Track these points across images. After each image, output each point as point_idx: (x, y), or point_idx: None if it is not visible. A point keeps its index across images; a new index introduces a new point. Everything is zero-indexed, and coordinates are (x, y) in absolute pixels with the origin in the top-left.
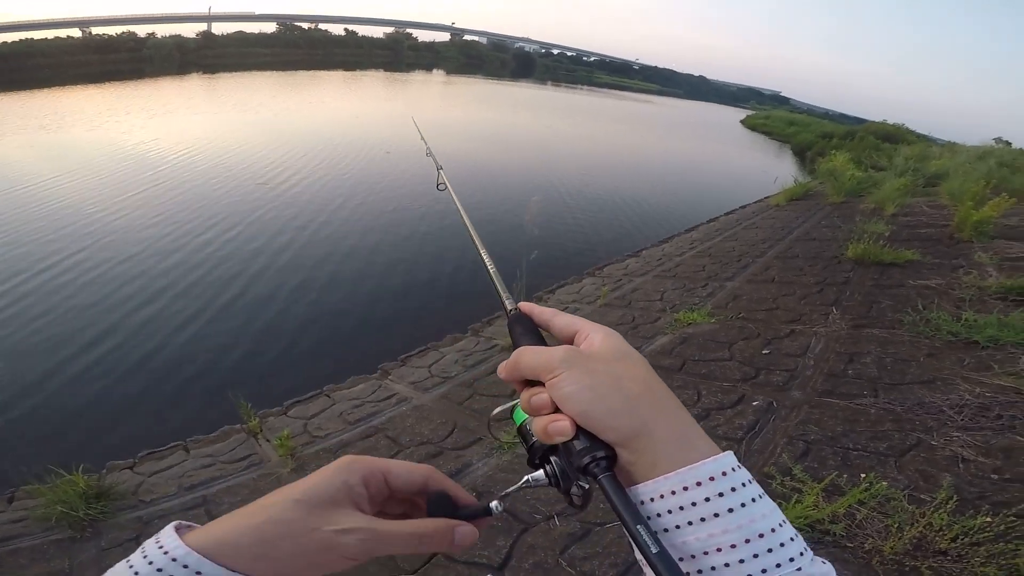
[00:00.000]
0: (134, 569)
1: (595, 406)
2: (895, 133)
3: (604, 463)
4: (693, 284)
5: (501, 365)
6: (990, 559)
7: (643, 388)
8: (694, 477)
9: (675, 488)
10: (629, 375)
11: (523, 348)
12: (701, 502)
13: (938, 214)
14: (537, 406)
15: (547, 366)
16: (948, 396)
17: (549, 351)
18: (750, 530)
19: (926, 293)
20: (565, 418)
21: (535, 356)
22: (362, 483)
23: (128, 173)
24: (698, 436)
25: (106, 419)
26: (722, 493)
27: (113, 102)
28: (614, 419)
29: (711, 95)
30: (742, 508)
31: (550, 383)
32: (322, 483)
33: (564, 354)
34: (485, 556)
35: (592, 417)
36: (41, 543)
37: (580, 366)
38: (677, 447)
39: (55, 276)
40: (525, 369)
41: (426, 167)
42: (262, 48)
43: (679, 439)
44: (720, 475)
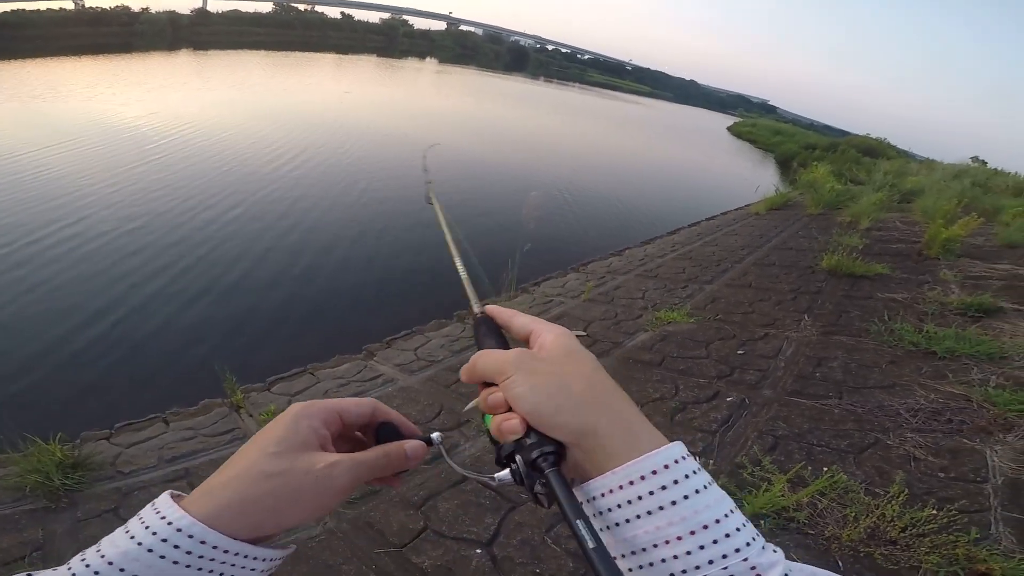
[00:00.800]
0: (135, 539)
1: (542, 406)
2: (876, 147)
3: (552, 458)
4: (674, 285)
5: (463, 367)
6: (934, 549)
7: (587, 387)
8: (638, 471)
9: (621, 482)
10: (576, 374)
11: (481, 352)
12: (646, 496)
13: (910, 230)
14: (492, 405)
15: (499, 368)
16: (905, 400)
17: (503, 354)
18: (694, 522)
19: (892, 306)
20: (515, 416)
21: (489, 359)
22: (323, 425)
23: (116, 147)
24: (643, 430)
25: (80, 390)
26: (665, 486)
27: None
28: (560, 417)
29: (701, 100)
30: (685, 500)
31: (502, 385)
32: (290, 431)
33: (515, 357)
34: (474, 532)
35: (540, 416)
36: (13, 513)
37: (528, 368)
38: (622, 443)
39: (37, 247)
40: (481, 371)
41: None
42: (256, 27)
43: (624, 434)
44: (663, 468)
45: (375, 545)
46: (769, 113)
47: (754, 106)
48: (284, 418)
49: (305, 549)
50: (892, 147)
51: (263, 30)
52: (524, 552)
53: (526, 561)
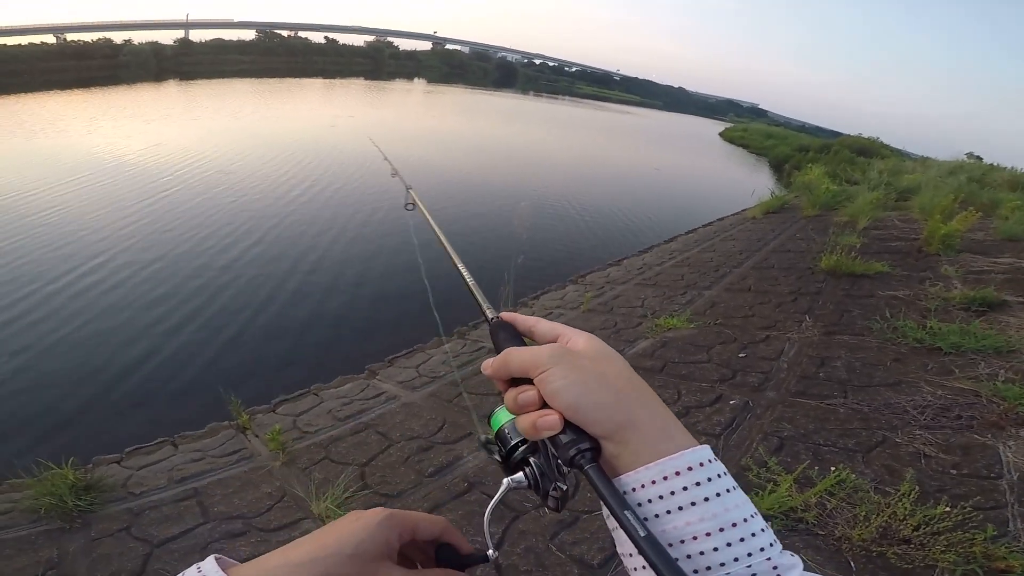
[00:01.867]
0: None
1: (584, 399)
2: (870, 147)
3: (589, 454)
4: (673, 292)
5: (486, 363)
6: (949, 547)
7: (627, 384)
8: (673, 466)
9: (655, 477)
10: (614, 372)
11: (511, 348)
12: (679, 491)
13: (908, 228)
14: (525, 402)
15: (536, 362)
16: (912, 398)
17: (537, 348)
18: (724, 519)
19: (894, 303)
20: (554, 412)
21: (523, 353)
22: (399, 538)
23: (123, 182)
24: (677, 429)
25: (87, 417)
26: (699, 482)
27: (90, 109)
28: (602, 412)
29: (690, 107)
30: (717, 498)
31: (539, 378)
32: (368, 538)
33: (552, 350)
34: (477, 541)
35: (581, 410)
36: (28, 534)
37: (568, 362)
38: (659, 438)
39: (42, 279)
40: (514, 366)
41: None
42: (240, 55)
43: (660, 431)
44: (697, 465)
45: None
46: (760, 117)
47: (744, 110)
48: (370, 520)
49: None
50: (886, 146)
51: (248, 58)
52: (528, 560)
53: (531, 569)
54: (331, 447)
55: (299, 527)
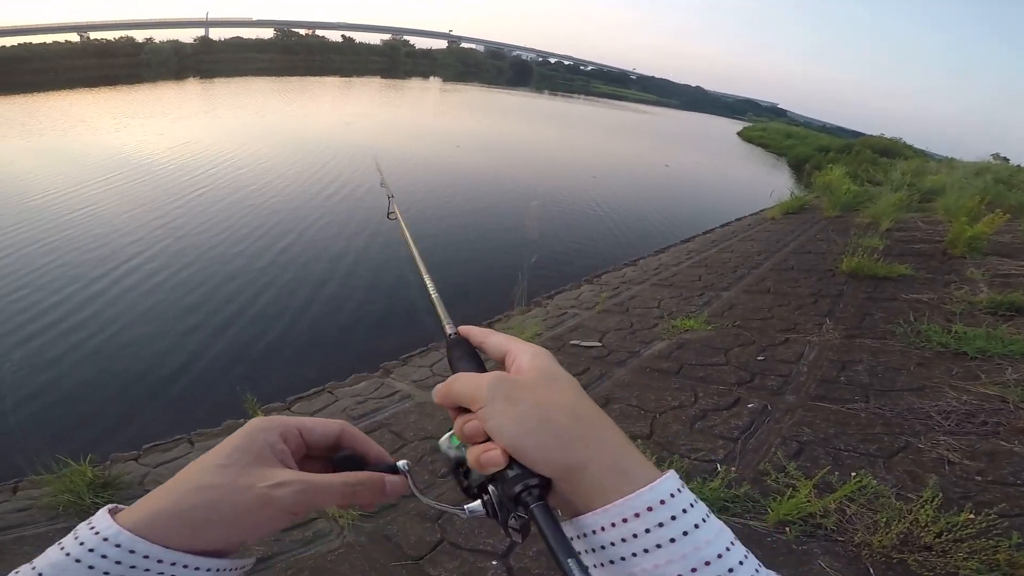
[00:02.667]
0: (66, 551)
1: (523, 441)
2: (892, 147)
3: (536, 491)
4: (690, 293)
5: (436, 388)
6: (972, 554)
7: (571, 419)
8: (631, 508)
9: (614, 520)
10: (558, 403)
11: (457, 375)
12: (642, 533)
13: (933, 230)
14: (469, 434)
15: (474, 395)
16: (936, 403)
17: (478, 379)
18: (696, 558)
19: (918, 306)
20: (497, 448)
21: (466, 384)
22: (281, 440)
23: (155, 180)
24: (635, 464)
25: (105, 413)
26: (662, 523)
27: (117, 107)
28: (543, 453)
29: (708, 106)
30: (684, 537)
31: (479, 414)
32: (243, 444)
33: (490, 382)
34: (490, 545)
35: (521, 451)
36: (47, 531)
37: (505, 396)
38: (612, 479)
39: (64, 276)
40: (457, 397)
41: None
42: (259, 54)
43: (611, 469)
44: (658, 504)
45: (392, 558)
46: (779, 116)
47: (763, 110)
48: (242, 430)
49: (324, 563)
50: (908, 147)
51: (266, 56)
52: (540, 564)
53: (542, 573)
54: None
55: (311, 527)
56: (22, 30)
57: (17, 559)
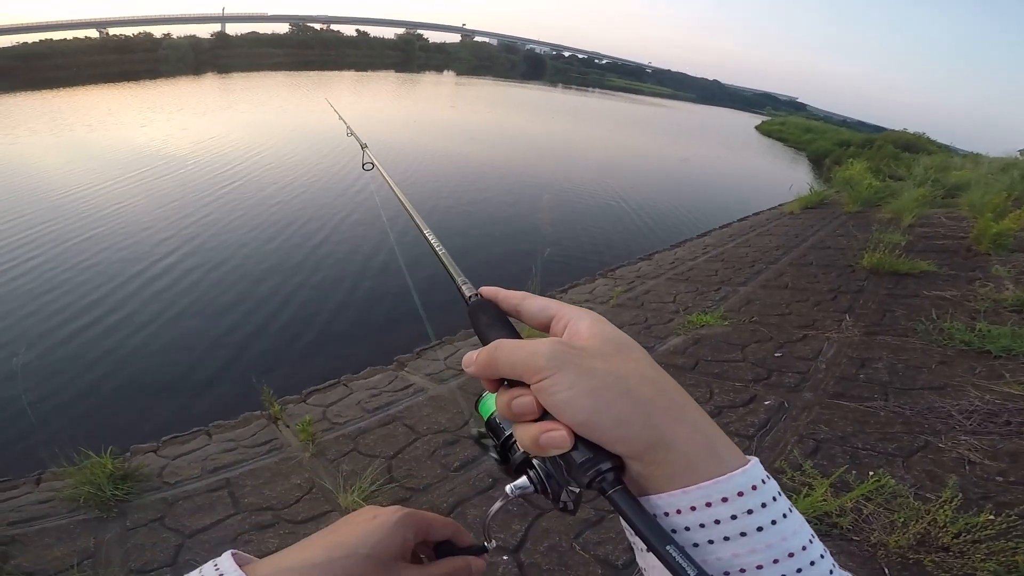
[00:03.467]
0: None
1: (599, 416)
2: (915, 143)
3: (612, 475)
4: (706, 288)
5: (468, 356)
6: (991, 555)
7: (654, 390)
8: (720, 492)
9: (696, 503)
10: (636, 373)
11: (500, 341)
12: (727, 519)
13: (957, 226)
14: (521, 411)
15: (532, 365)
16: (958, 402)
17: (533, 345)
18: (780, 549)
19: (940, 304)
20: (561, 427)
21: (515, 352)
22: (414, 538)
23: (182, 175)
24: (723, 444)
25: (128, 405)
26: (751, 510)
27: (140, 102)
28: (625, 430)
29: (725, 100)
30: (772, 526)
31: (539, 386)
32: (386, 538)
33: (552, 349)
34: (501, 539)
35: (597, 428)
36: (68, 523)
37: (574, 365)
38: (702, 457)
39: (77, 265)
40: (504, 368)
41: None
42: (275, 49)
43: (703, 448)
44: (750, 489)
45: None
46: (798, 110)
47: (782, 104)
48: (385, 521)
49: None
50: (932, 142)
51: (282, 51)
52: (551, 559)
53: (553, 568)
54: (359, 439)
55: (326, 520)
56: (44, 26)
57: (39, 551)
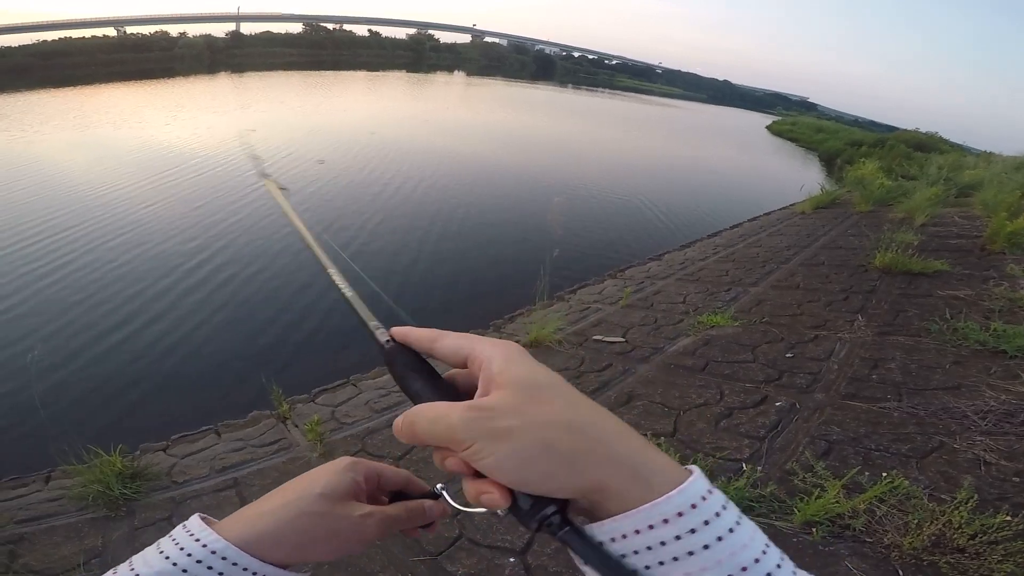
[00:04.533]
0: (169, 558)
1: (526, 474)
2: (928, 142)
3: (558, 518)
4: (716, 288)
5: (395, 422)
6: (1007, 557)
7: (573, 439)
8: (660, 514)
9: (639, 526)
10: (551, 422)
11: (418, 408)
12: (671, 540)
13: (970, 225)
14: (453, 470)
15: (451, 439)
16: (973, 402)
17: (447, 416)
18: (731, 564)
19: (954, 303)
20: (493, 487)
21: (431, 425)
22: (364, 480)
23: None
24: (656, 468)
25: (139, 403)
26: (694, 529)
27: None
28: (553, 482)
29: (736, 100)
30: (719, 542)
31: (464, 455)
32: (336, 479)
33: (464, 419)
34: (508, 541)
35: (528, 485)
36: (76, 521)
37: (488, 431)
38: (634, 489)
39: (88, 265)
40: (426, 439)
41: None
42: (288, 48)
43: (632, 480)
44: (689, 508)
45: (411, 553)
46: (809, 110)
47: (793, 104)
48: (335, 466)
49: (344, 557)
50: (945, 141)
51: (295, 51)
52: (558, 561)
53: (560, 570)
54: (367, 439)
55: None
56: (62, 24)
57: (47, 549)
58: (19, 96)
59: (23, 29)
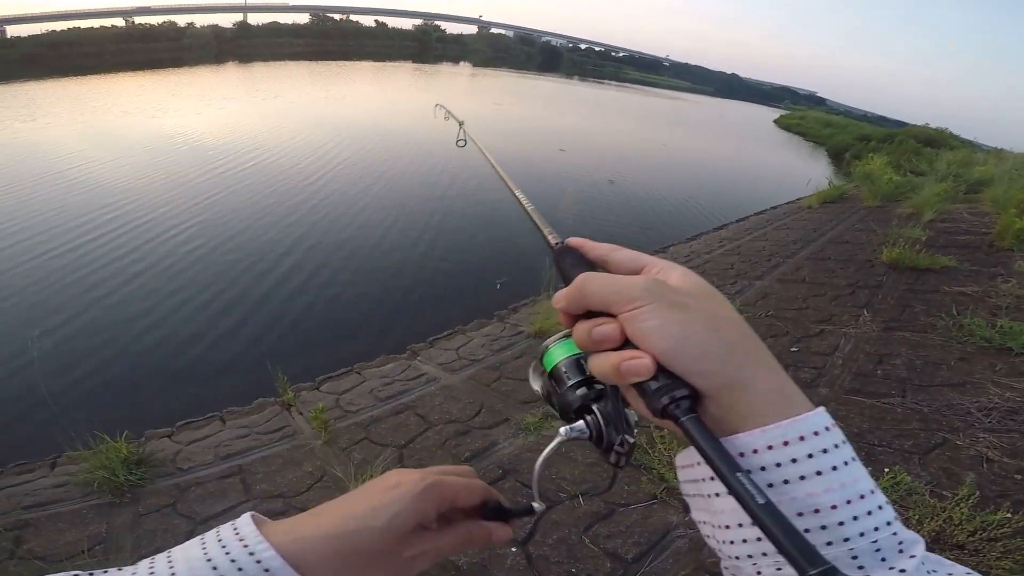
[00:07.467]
0: (211, 561)
1: (686, 346)
2: (937, 138)
3: (687, 403)
4: (722, 281)
5: (558, 294)
6: (1006, 554)
7: (740, 334)
8: (797, 431)
9: (773, 442)
10: (723, 317)
11: (590, 273)
12: (803, 458)
13: (979, 221)
14: (601, 337)
15: (625, 294)
16: (977, 399)
17: (626, 278)
18: (853, 490)
19: (961, 299)
20: (645, 354)
21: (608, 283)
22: (436, 509)
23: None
24: (795, 391)
25: (146, 389)
26: (826, 449)
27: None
28: (708, 363)
29: (744, 93)
30: (845, 466)
31: (629, 315)
32: (403, 511)
33: (647, 282)
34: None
35: (681, 357)
36: (81, 507)
37: (667, 298)
38: (778, 399)
39: (106, 258)
40: (593, 297)
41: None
42: (295, 39)
43: (777, 391)
44: (823, 430)
45: None
46: (818, 105)
47: (801, 98)
48: (406, 492)
49: None
50: (955, 137)
51: (302, 41)
52: (560, 551)
53: (562, 560)
54: (371, 427)
55: None
56: (72, 15)
57: (51, 535)
58: (32, 85)
59: (32, 19)
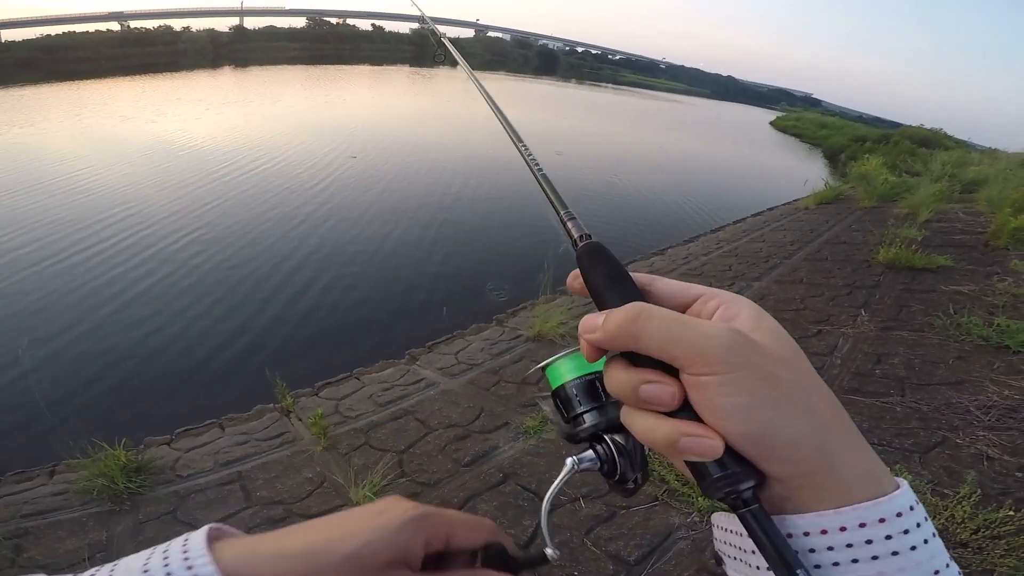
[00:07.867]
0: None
1: (775, 433)
2: (932, 138)
3: (751, 493)
4: (719, 283)
5: (591, 319)
6: (1010, 551)
7: (833, 411)
8: (878, 514)
9: (848, 524)
10: (816, 389)
11: (647, 306)
12: (880, 539)
13: (974, 221)
14: (652, 401)
15: (704, 354)
16: (976, 397)
17: (702, 325)
18: (928, 567)
19: (958, 299)
20: (715, 435)
21: (677, 328)
22: (423, 546)
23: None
24: (884, 470)
25: (144, 397)
26: (907, 530)
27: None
28: (794, 451)
29: (740, 95)
30: (924, 545)
31: (702, 381)
32: (377, 540)
33: (732, 339)
34: (512, 534)
35: (764, 445)
36: (81, 515)
37: (758, 367)
38: (866, 482)
39: (106, 264)
40: (651, 341)
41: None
42: (291, 43)
43: (867, 473)
44: (908, 509)
45: None
46: (813, 106)
47: (797, 100)
48: (390, 521)
49: None
50: (949, 137)
51: (298, 45)
52: (562, 554)
53: (564, 563)
54: (371, 433)
55: None
56: (66, 19)
57: (51, 543)
58: (28, 89)
59: (27, 24)
